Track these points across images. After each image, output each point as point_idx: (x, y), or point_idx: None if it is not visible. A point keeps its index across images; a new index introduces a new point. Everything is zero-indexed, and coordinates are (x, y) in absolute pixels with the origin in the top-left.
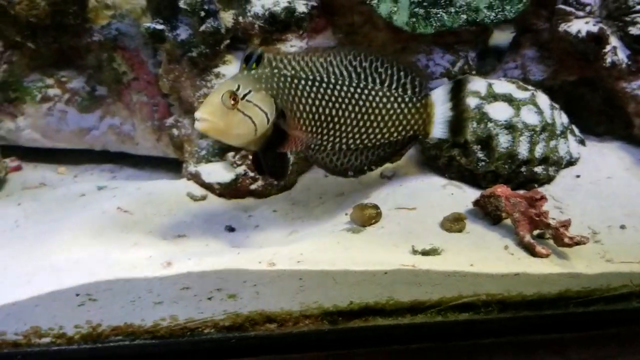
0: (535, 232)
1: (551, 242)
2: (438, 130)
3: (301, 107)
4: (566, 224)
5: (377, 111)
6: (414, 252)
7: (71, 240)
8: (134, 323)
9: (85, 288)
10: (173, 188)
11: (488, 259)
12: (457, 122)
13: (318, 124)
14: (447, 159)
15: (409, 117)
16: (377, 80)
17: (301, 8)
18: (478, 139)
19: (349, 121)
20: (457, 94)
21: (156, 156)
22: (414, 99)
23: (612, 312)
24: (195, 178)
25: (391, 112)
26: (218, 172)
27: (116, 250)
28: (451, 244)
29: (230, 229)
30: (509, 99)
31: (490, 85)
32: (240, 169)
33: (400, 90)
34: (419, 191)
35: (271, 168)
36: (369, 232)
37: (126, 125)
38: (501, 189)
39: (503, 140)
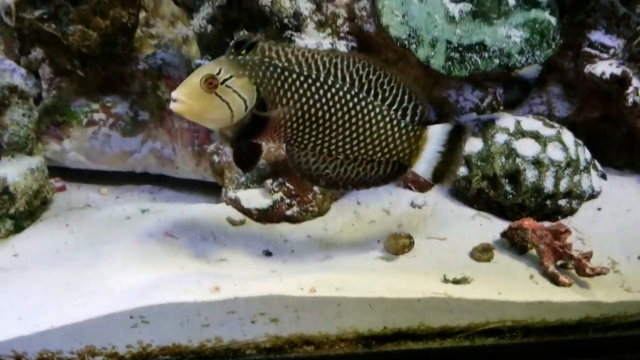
0: (559, 262)
1: (573, 271)
2: (421, 167)
3: (285, 100)
4: (588, 256)
5: (367, 125)
6: (445, 280)
7: (123, 264)
8: (182, 344)
9: (139, 311)
10: (213, 212)
11: (514, 287)
12: (442, 168)
13: (301, 120)
14: (476, 191)
15: (398, 142)
16: (379, 96)
17: (342, 49)
18: (506, 173)
19: (335, 126)
20: (453, 139)
21: (194, 179)
22: (409, 127)
23: (629, 338)
24: (235, 203)
25: (382, 131)
26: (256, 198)
27: (166, 275)
28: (480, 272)
29: (268, 254)
30: (536, 136)
31: (518, 122)
32: (277, 196)
33: (399, 113)
34: (449, 221)
35: (240, 157)
36: (402, 261)
37: (167, 150)
38: (528, 222)
39: (530, 175)
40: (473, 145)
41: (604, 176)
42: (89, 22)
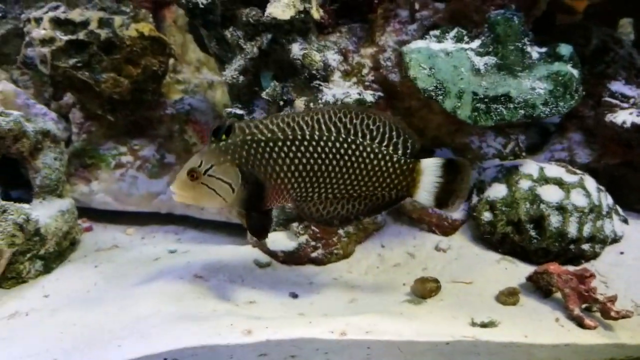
0: (584, 305)
1: (598, 314)
2: (422, 195)
3: (277, 167)
4: (613, 299)
5: (362, 165)
6: (473, 324)
7: (155, 307)
8: None
9: (173, 354)
10: (240, 254)
11: (540, 330)
12: (444, 195)
13: (300, 180)
14: (501, 236)
15: (393, 176)
16: (367, 137)
17: (369, 98)
18: (531, 218)
19: (333, 174)
20: (450, 171)
21: (219, 220)
22: (402, 160)
23: None
24: (260, 246)
25: (377, 168)
26: (282, 241)
27: (198, 317)
28: (506, 316)
29: (294, 296)
30: (559, 182)
31: (541, 168)
32: (303, 238)
33: (391, 148)
34: (474, 265)
35: (253, 226)
36: (429, 304)
37: None
38: (553, 267)
39: (554, 221)
40: (497, 191)
41: (625, 221)
42: (121, 70)
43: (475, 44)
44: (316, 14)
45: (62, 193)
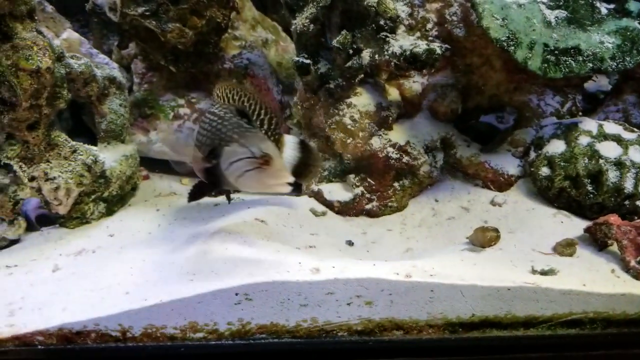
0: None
1: None
2: None
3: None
4: None
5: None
6: (534, 271)
7: (223, 245)
8: (279, 323)
9: (245, 288)
10: (297, 203)
11: (597, 280)
12: (303, 167)
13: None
14: (558, 190)
15: None
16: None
17: (438, 50)
18: (589, 173)
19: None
20: (306, 151)
21: None
22: (268, 134)
23: None
24: (317, 196)
25: None
26: (338, 192)
27: (266, 256)
28: (564, 266)
29: (350, 244)
30: (618, 139)
31: (600, 125)
32: (358, 190)
33: (257, 123)
34: (530, 218)
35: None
36: (489, 253)
37: None
38: (614, 218)
39: (612, 176)
40: (556, 147)
41: None
42: (187, 21)
43: None
44: None
45: (125, 139)
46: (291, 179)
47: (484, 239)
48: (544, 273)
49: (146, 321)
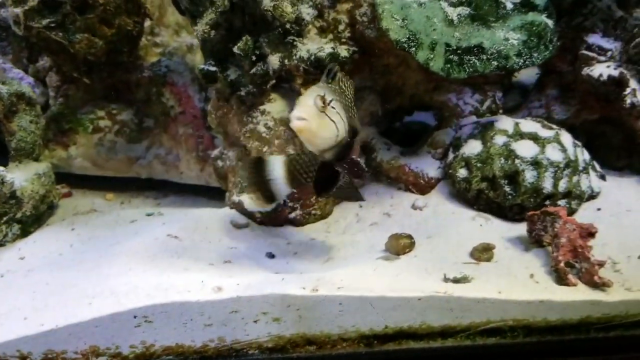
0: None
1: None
2: None
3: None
4: (602, 264)
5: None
6: (446, 279)
7: (127, 265)
8: (185, 344)
9: (143, 310)
10: (217, 216)
11: (515, 286)
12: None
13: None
14: (476, 192)
15: None
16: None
17: (344, 53)
18: (506, 174)
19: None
20: None
21: (198, 184)
22: None
23: (630, 337)
24: (238, 207)
25: None
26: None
27: (170, 275)
28: (480, 272)
29: (271, 256)
30: (534, 137)
31: (517, 124)
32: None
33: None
34: (449, 222)
35: (323, 181)
36: (403, 261)
37: (171, 156)
38: (563, 212)
39: (529, 176)
40: (472, 147)
41: (603, 177)
42: (95, 31)
43: None
44: None
45: (39, 157)
46: None
47: (398, 246)
48: (456, 281)
49: (45, 346)
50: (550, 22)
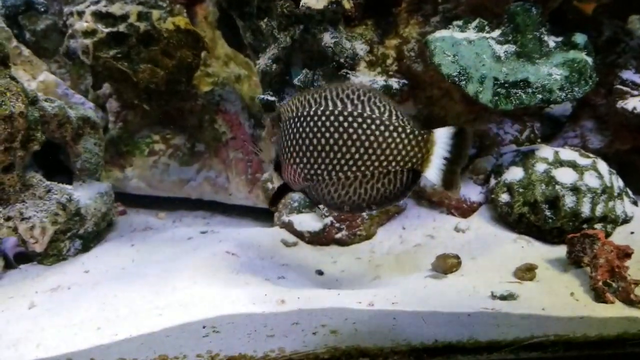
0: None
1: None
2: (431, 172)
3: (287, 142)
4: (637, 283)
5: (372, 138)
6: (493, 297)
7: (192, 279)
8: (247, 354)
9: (212, 321)
10: (268, 235)
11: (556, 304)
12: (450, 175)
13: (307, 155)
14: (517, 216)
15: (408, 147)
16: (376, 111)
17: (395, 85)
18: (547, 199)
19: (341, 148)
20: (458, 144)
21: (246, 205)
22: (416, 131)
23: None
24: (288, 227)
25: (390, 139)
26: (308, 222)
27: (234, 288)
28: (524, 290)
29: (320, 273)
30: (573, 165)
31: (556, 152)
32: (328, 220)
33: (400, 121)
34: (492, 244)
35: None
36: (450, 279)
37: (221, 178)
38: (602, 234)
39: (569, 201)
40: (514, 173)
41: (635, 203)
42: (158, 62)
43: (496, 33)
44: (347, 4)
45: (101, 177)
46: None
47: (446, 265)
48: (503, 298)
49: (117, 355)
50: (590, 60)
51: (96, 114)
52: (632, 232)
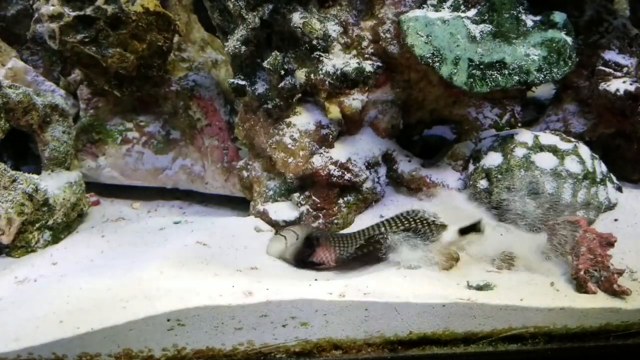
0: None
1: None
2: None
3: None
4: (620, 273)
5: None
6: (469, 287)
7: (159, 270)
8: (215, 347)
9: (176, 314)
10: (243, 224)
11: (536, 294)
12: None
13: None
14: (496, 203)
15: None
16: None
17: (368, 67)
18: (526, 185)
19: None
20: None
21: (222, 194)
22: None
23: None
24: (263, 216)
25: None
26: (284, 211)
27: (201, 280)
28: (502, 280)
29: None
30: (554, 150)
31: (536, 136)
32: (304, 208)
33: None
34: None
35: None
36: (425, 268)
37: (196, 166)
38: (584, 221)
39: (549, 187)
40: (493, 159)
41: (619, 189)
42: (127, 46)
43: (472, 12)
44: None
45: (70, 166)
46: None
47: None
48: (479, 288)
49: (79, 349)
50: (569, 39)
51: (66, 101)
52: (615, 219)
